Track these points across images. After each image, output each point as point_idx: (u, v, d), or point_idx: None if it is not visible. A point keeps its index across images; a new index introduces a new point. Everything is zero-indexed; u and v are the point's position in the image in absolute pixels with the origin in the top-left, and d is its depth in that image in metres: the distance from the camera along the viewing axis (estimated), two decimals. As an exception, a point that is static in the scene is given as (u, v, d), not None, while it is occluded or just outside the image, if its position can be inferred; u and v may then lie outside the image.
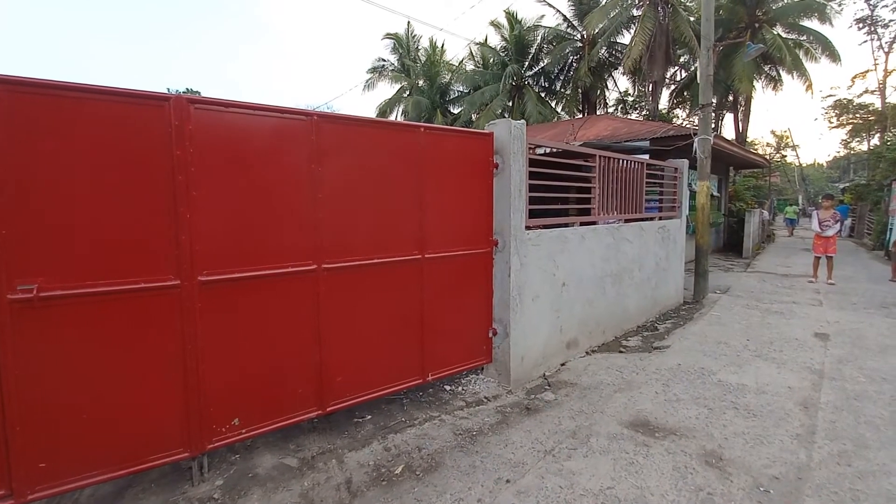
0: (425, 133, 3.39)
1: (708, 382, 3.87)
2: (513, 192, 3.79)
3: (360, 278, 3.13)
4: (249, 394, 2.74)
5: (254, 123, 2.65)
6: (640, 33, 17.50)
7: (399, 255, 3.32)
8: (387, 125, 3.22)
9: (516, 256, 3.86)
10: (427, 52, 28.14)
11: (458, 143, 3.64)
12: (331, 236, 2.97)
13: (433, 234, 3.50)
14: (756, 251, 13.94)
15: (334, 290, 3.01)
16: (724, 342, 4.96)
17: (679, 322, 6.12)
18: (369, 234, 3.17)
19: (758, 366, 4.24)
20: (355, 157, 3.07)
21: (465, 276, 3.77)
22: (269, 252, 2.74)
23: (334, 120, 2.94)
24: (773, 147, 43.82)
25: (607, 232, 5.19)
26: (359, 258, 3.11)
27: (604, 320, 5.21)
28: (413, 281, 3.42)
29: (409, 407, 3.59)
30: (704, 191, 7.43)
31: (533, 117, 21.12)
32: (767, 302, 6.98)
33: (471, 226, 3.77)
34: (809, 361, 4.34)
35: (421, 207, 3.41)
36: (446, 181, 3.57)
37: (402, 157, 3.30)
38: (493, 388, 3.91)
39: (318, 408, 3.01)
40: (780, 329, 5.46)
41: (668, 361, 4.41)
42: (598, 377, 4.07)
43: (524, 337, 4.01)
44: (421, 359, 3.52)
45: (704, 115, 7.32)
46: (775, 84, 21.41)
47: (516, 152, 3.79)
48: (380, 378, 3.30)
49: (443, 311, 3.63)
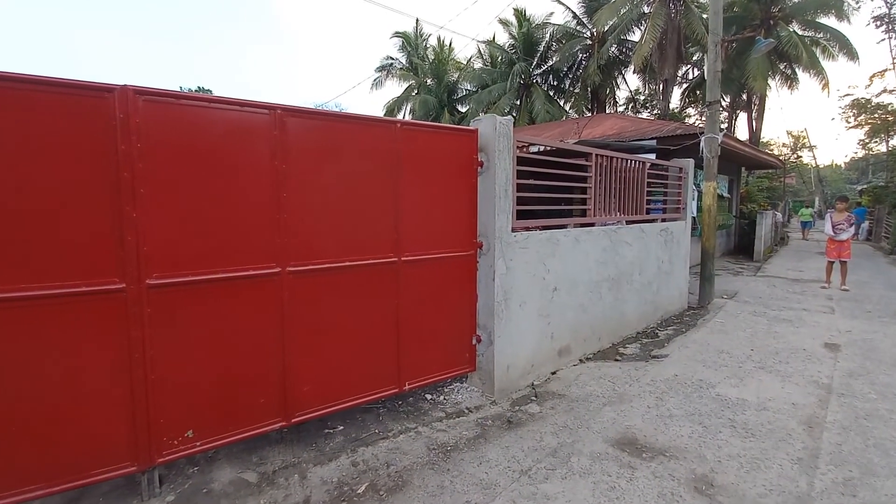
0: (402, 129, 3.20)
1: (705, 396, 3.62)
2: (498, 192, 3.58)
3: (329, 282, 2.95)
4: (205, 404, 2.57)
5: (210, 117, 2.48)
6: (650, 30, 17.12)
7: (372, 258, 3.13)
8: (358, 120, 3.03)
9: (501, 260, 3.65)
10: (435, 50, 27.98)
11: (439, 139, 3.44)
12: (297, 238, 2.79)
13: (411, 235, 3.31)
14: (768, 254, 13.52)
15: (300, 294, 2.83)
16: (727, 352, 4.69)
17: (681, 329, 5.85)
18: (340, 236, 2.98)
19: (760, 378, 3.98)
20: (324, 154, 2.89)
21: (447, 281, 3.57)
22: (228, 254, 2.57)
23: (300, 114, 2.76)
24: (789, 147, 42.86)
25: (604, 234, 4.96)
26: (328, 261, 2.93)
27: (599, 327, 4.97)
28: (388, 285, 3.23)
29: (385, 417, 3.41)
30: (711, 192, 7.14)
31: (541, 116, 20.84)
32: (776, 308, 6.67)
33: (452, 227, 3.57)
34: (817, 375, 4.07)
35: (397, 208, 3.22)
36: (426, 180, 3.38)
37: (376, 153, 3.11)
38: (477, 398, 3.71)
39: (283, 419, 2.84)
40: (788, 338, 5.17)
41: (664, 372, 4.17)
42: (589, 388, 3.85)
43: (510, 345, 3.80)
44: (397, 367, 3.33)
45: (712, 112, 7.02)
46: (791, 82, 20.83)
47: (502, 150, 3.58)
48: (351, 388, 3.12)
49: (421, 317, 3.44)
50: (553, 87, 24.13)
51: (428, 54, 28.03)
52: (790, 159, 38.63)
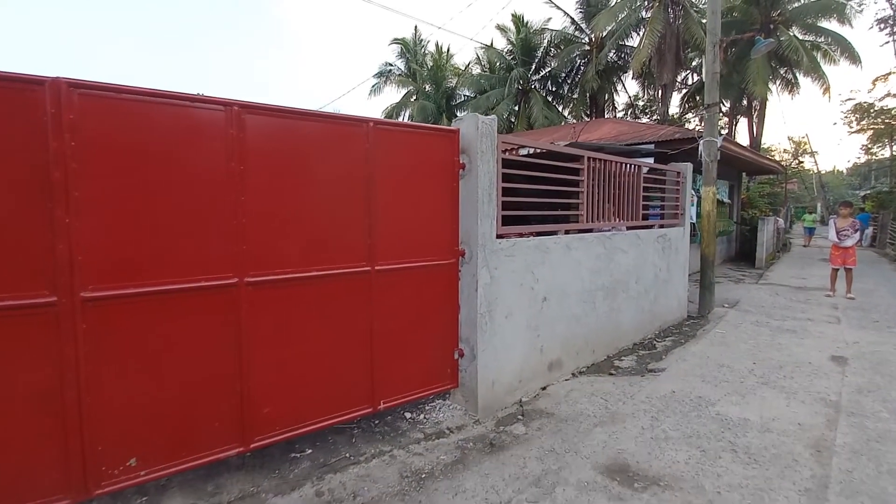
0: (375, 128, 2.98)
1: (704, 416, 3.37)
2: (480, 196, 3.35)
3: (293, 293, 2.72)
4: (151, 430, 2.34)
5: (157, 113, 2.27)
6: (648, 35, 16.98)
7: (343, 267, 2.90)
8: (326, 118, 2.81)
9: (485, 268, 3.42)
10: (433, 56, 27.92)
11: (416, 140, 3.22)
12: (257, 245, 2.57)
13: (386, 243, 3.08)
14: (770, 261, 13.25)
15: (261, 307, 2.60)
16: (728, 365, 4.44)
17: (680, 340, 5.60)
18: (306, 243, 2.76)
19: (764, 395, 3.72)
20: (288, 154, 2.67)
21: (426, 291, 3.33)
22: (178, 264, 2.35)
23: (260, 111, 2.54)
24: (790, 153, 42.65)
25: (598, 241, 4.72)
26: (292, 270, 2.70)
27: (593, 338, 4.73)
28: (360, 296, 3.00)
29: (358, 439, 3.16)
30: (710, 197, 6.91)
31: (539, 121, 20.69)
32: (779, 318, 6.41)
33: (432, 234, 3.34)
34: (824, 391, 3.81)
35: (370, 214, 2.99)
36: (403, 183, 3.15)
37: (346, 154, 2.89)
38: (459, 417, 3.46)
39: (240, 444, 2.60)
40: (792, 350, 4.91)
41: (661, 388, 3.91)
42: (579, 406, 3.59)
43: (495, 359, 3.56)
44: (370, 385, 3.09)
45: (710, 115, 6.81)
46: (792, 87, 20.67)
47: (485, 151, 3.36)
48: (319, 408, 2.87)
49: (398, 330, 3.20)
50: (551, 93, 24.01)
51: (426, 60, 27.96)
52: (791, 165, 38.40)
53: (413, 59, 27.87)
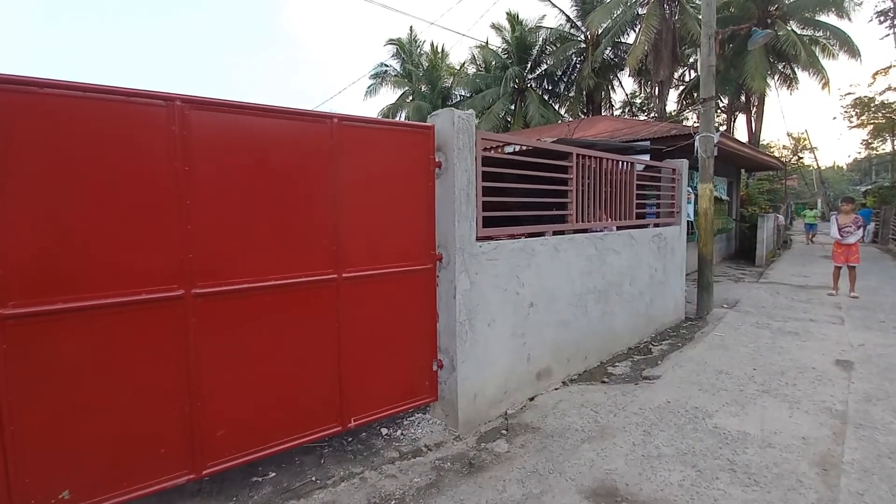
0: (340, 124, 2.76)
1: (701, 429, 3.14)
2: (458, 196, 3.13)
3: (249, 305, 2.50)
4: (87, 458, 2.11)
5: (88, 109, 2.04)
6: (644, 31, 16.77)
7: (305, 275, 2.68)
8: (284, 114, 2.59)
9: (464, 273, 3.19)
10: (429, 56, 27.71)
11: (387, 137, 3.00)
12: (206, 254, 2.35)
13: (354, 248, 2.86)
14: (770, 258, 13.01)
15: (212, 320, 2.38)
16: (726, 372, 4.20)
17: (677, 343, 5.37)
18: (263, 250, 2.53)
19: (765, 405, 3.49)
20: (242, 153, 2.45)
21: (400, 299, 3.11)
22: (113, 275, 2.12)
23: (207, 106, 2.32)
24: (790, 150, 42.36)
25: (588, 242, 4.49)
26: (248, 280, 2.48)
27: (585, 344, 4.50)
28: (326, 306, 2.77)
29: (328, 459, 2.93)
30: (707, 194, 6.68)
31: (535, 120, 20.46)
32: (780, 319, 6.17)
33: (406, 238, 3.12)
34: (829, 399, 3.58)
35: (336, 216, 2.77)
36: (373, 184, 2.93)
37: (309, 152, 2.66)
38: (439, 433, 3.24)
39: (190, 471, 2.37)
40: (794, 354, 4.68)
41: (655, 397, 3.68)
42: (567, 419, 3.37)
43: (477, 370, 3.33)
44: (339, 402, 2.86)
45: (706, 109, 6.58)
46: (790, 82, 20.44)
47: (462, 148, 3.14)
48: (281, 429, 2.65)
49: (370, 342, 2.97)
50: (548, 92, 23.79)
51: (422, 61, 27.76)
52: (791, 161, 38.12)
53: (408, 59, 27.66)
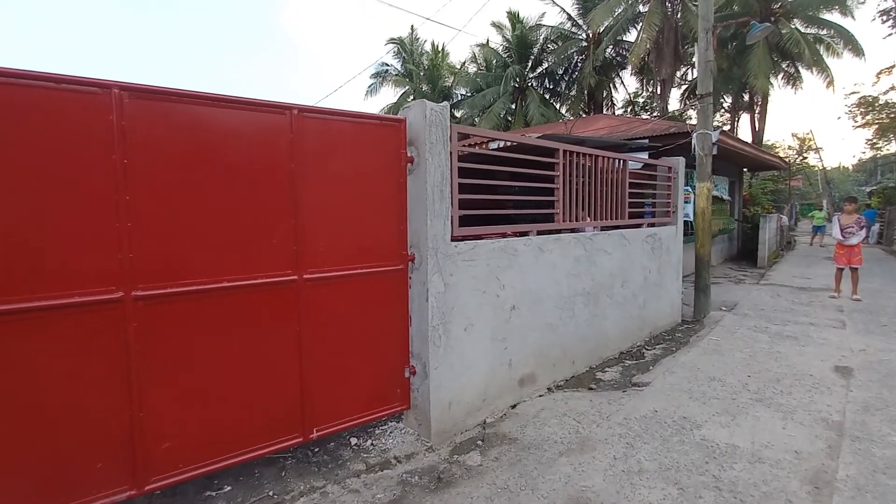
0: (302, 116, 2.59)
1: (687, 441, 2.95)
2: (430, 194, 2.96)
3: (198, 309, 2.33)
4: (10, 476, 1.95)
5: (8, 96, 1.89)
6: (646, 29, 16.55)
7: (262, 277, 2.51)
8: (238, 104, 2.42)
9: (437, 275, 3.02)
10: (429, 55, 27.55)
11: (354, 130, 2.83)
12: (149, 253, 2.18)
13: (317, 248, 2.69)
14: (773, 260, 12.77)
15: (155, 325, 2.22)
16: (719, 379, 4.01)
17: (671, 347, 5.18)
18: (214, 250, 2.37)
19: (757, 415, 3.30)
20: (192, 146, 2.29)
21: (369, 302, 2.94)
22: (43, 277, 1.96)
23: (149, 95, 2.16)
24: (795, 150, 41.94)
25: (576, 242, 4.31)
26: (197, 282, 2.32)
27: (572, 349, 4.32)
28: (285, 309, 2.60)
29: (290, 472, 2.77)
30: (705, 193, 6.48)
31: (536, 119, 20.26)
32: (779, 323, 5.96)
33: (375, 237, 2.95)
34: (826, 409, 3.38)
35: (297, 214, 2.60)
36: (339, 179, 2.76)
37: (266, 145, 2.50)
38: (410, 444, 3.07)
39: (131, 487, 2.21)
40: (792, 360, 4.47)
41: (642, 406, 3.50)
42: (548, 429, 3.19)
43: (452, 377, 3.16)
44: (300, 411, 2.69)
45: (703, 106, 6.38)
46: (794, 81, 20.15)
47: (434, 143, 2.97)
48: (235, 440, 2.48)
49: (335, 347, 2.81)
50: (549, 91, 23.59)
51: (423, 60, 27.60)
52: (796, 161, 37.73)
53: (409, 58, 27.51)
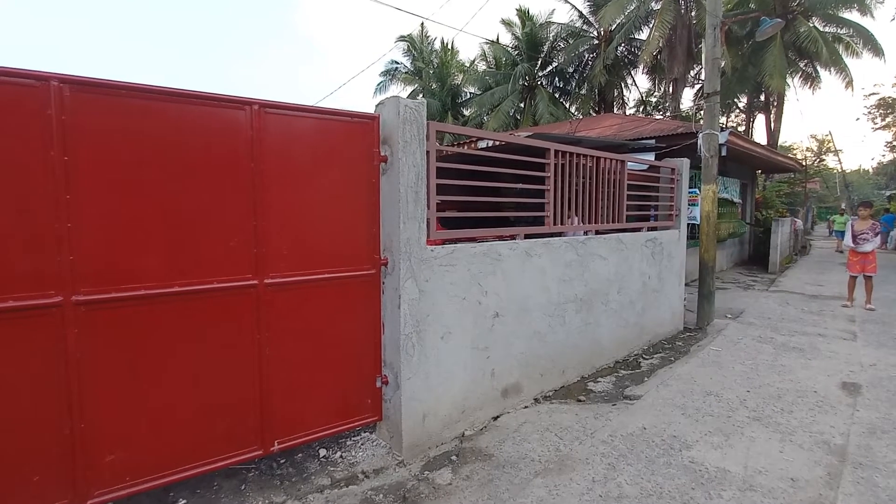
0: (263, 112, 2.45)
1: (675, 463, 2.76)
2: (404, 195, 2.80)
3: (148, 314, 2.21)
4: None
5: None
6: (658, 26, 16.17)
7: (219, 281, 2.38)
8: (191, 99, 2.28)
9: (411, 280, 2.86)
10: (439, 54, 27.39)
11: (322, 127, 2.68)
12: (93, 255, 2.06)
13: (280, 251, 2.55)
14: (785, 265, 12.39)
15: (100, 331, 2.10)
16: (716, 393, 3.79)
17: (669, 357, 4.96)
18: (166, 252, 2.24)
19: (753, 436, 3.08)
20: (141, 142, 2.16)
21: (338, 308, 2.79)
22: (-26, 279, 1.85)
23: (93, 88, 2.03)
24: (813, 152, 41.00)
25: (568, 246, 4.12)
26: (146, 286, 2.19)
27: (562, 358, 4.13)
28: (244, 316, 2.47)
29: (250, 485, 2.63)
30: (710, 196, 6.23)
31: (544, 118, 19.99)
32: (786, 333, 5.70)
33: (345, 240, 2.80)
34: (828, 431, 3.15)
35: (258, 215, 2.47)
36: (304, 179, 2.62)
37: (223, 142, 2.36)
38: (381, 457, 2.91)
39: (72, 501, 2.09)
40: (796, 375, 4.23)
41: (631, 422, 3.30)
42: (527, 446, 3.01)
43: (427, 388, 3.00)
44: (260, 423, 2.56)
45: (710, 105, 6.12)
46: (812, 81, 19.56)
47: (409, 141, 2.81)
48: (187, 453, 2.35)
49: (300, 356, 2.67)
50: (558, 89, 23.27)
51: (432, 58, 27.44)
52: (814, 164, 36.85)
53: (419, 56, 27.38)
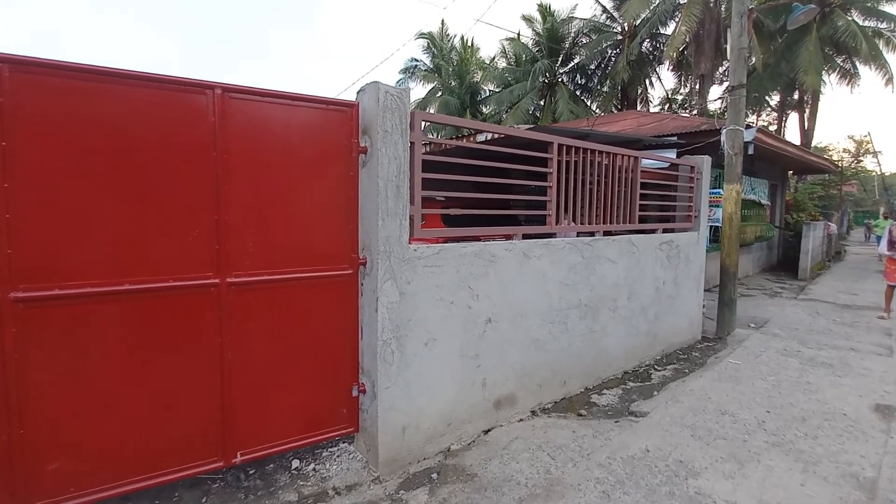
0: (226, 97, 2.26)
1: (679, 494, 2.46)
2: (383, 189, 2.57)
3: (95, 314, 2.04)
4: None
5: None
6: (684, 19, 15.51)
7: (175, 279, 2.20)
8: (145, 82, 2.10)
9: (390, 282, 2.64)
10: (458, 51, 27.11)
11: (294, 115, 2.48)
12: (33, 249, 1.91)
13: (245, 247, 2.36)
14: (816, 271, 11.71)
15: (40, 332, 1.94)
16: (732, 413, 3.45)
17: (683, 369, 4.61)
18: (116, 248, 2.07)
19: (771, 464, 2.75)
20: (88, 128, 1.99)
21: (311, 311, 2.59)
22: None
23: (37, 70, 1.87)
24: (850, 153, 39.14)
25: (572, 248, 3.84)
26: (93, 283, 2.02)
27: (564, 368, 3.85)
28: (203, 317, 2.29)
29: (213, 497, 2.46)
30: (733, 197, 5.82)
31: (564, 116, 19.51)
32: (814, 346, 5.26)
33: (319, 237, 2.59)
34: (858, 462, 2.80)
35: (220, 208, 2.28)
36: (274, 170, 2.42)
37: (181, 130, 2.18)
38: (357, 472, 2.70)
39: (7, 514, 1.94)
40: (823, 394, 3.85)
41: (633, 443, 3.01)
42: (515, 465, 2.75)
43: (408, 398, 2.77)
44: (221, 433, 2.37)
45: (734, 99, 5.71)
46: (850, 78, 18.50)
47: (390, 131, 2.58)
48: (140, 462, 2.19)
49: (267, 361, 2.47)
50: (580, 87, 22.73)
51: (452, 56, 27.19)
52: (851, 166, 35.18)
53: (439, 54, 27.18)
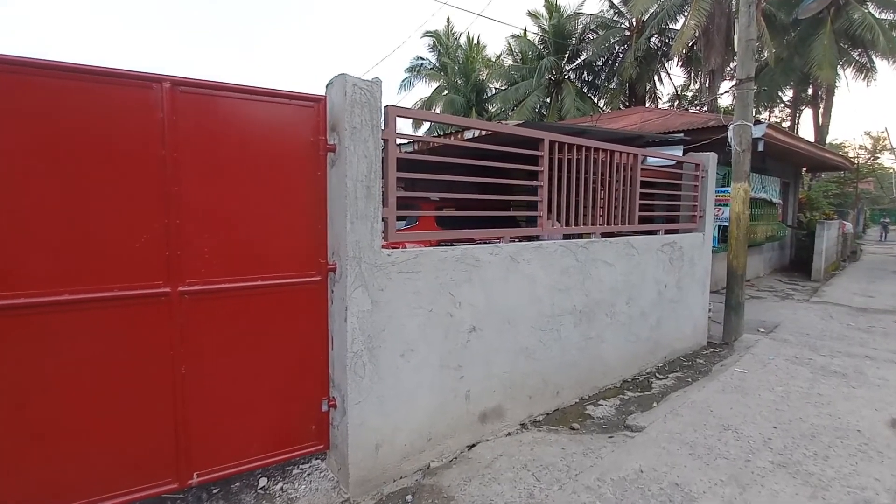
0: (176, 90, 2.09)
1: (672, 522, 2.25)
2: (352, 190, 2.39)
3: (25, 326, 1.88)
4: None
5: None
6: (693, 13, 15.14)
7: (120, 288, 2.03)
8: (84, 75, 1.94)
9: (361, 289, 2.45)
10: (464, 49, 26.88)
11: (254, 110, 2.30)
12: (-42, 257, 1.75)
13: (200, 252, 2.19)
14: (831, 272, 11.31)
15: (-33, 346, 1.79)
16: (735, 428, 3.22)
17: (686, 377, 4.37)
18: (51, 255, 1.91)
19: (775, 489, 2.52)
20: (18, 126, 1.83)
21: (275, 321, 2.42)
22: None
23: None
24: (866, 150, 38.22)
25: (565, 251, 3.62)
26: (26, 293, 1.87)
27: (557, 377, 3.64)
28: (154, 328, 2.12)
29: (170, 520, 2.30)
30: (741, 195, 5.54)
31: (571, 113, 19.23)
32: (826, 353, 4.98)
33: (283, 241, 2.42)
34: (872, 486, 2.55)
35: (171, 211, 2.11)
36: (232, 170, 2.25)
37: (125, 127, 2.01)
38: (326, 492, 2.53)
39: (-68, 544, 1.80)
40: (836, 407, 3.59)
41: (626, 462, 2.79)
42: (496, 487, 2.56)
43: (382, 413, 2.59)
44: (175, 453, 2.21)
45: (742, 93, 5.43)
46: (866, 72, 17.97)
47: (359, 127, 2.39)
48: (82, 485, 2.02)
49: (226, 375, 2.30)
50: (586, 83, 22.39)
51: (458, 54, 26.97)
52: (867, 163, 34.33)
53: (444, 52, 26.97)
